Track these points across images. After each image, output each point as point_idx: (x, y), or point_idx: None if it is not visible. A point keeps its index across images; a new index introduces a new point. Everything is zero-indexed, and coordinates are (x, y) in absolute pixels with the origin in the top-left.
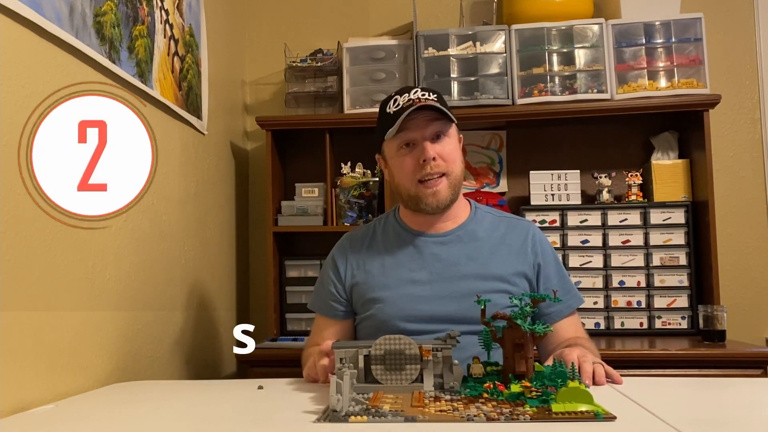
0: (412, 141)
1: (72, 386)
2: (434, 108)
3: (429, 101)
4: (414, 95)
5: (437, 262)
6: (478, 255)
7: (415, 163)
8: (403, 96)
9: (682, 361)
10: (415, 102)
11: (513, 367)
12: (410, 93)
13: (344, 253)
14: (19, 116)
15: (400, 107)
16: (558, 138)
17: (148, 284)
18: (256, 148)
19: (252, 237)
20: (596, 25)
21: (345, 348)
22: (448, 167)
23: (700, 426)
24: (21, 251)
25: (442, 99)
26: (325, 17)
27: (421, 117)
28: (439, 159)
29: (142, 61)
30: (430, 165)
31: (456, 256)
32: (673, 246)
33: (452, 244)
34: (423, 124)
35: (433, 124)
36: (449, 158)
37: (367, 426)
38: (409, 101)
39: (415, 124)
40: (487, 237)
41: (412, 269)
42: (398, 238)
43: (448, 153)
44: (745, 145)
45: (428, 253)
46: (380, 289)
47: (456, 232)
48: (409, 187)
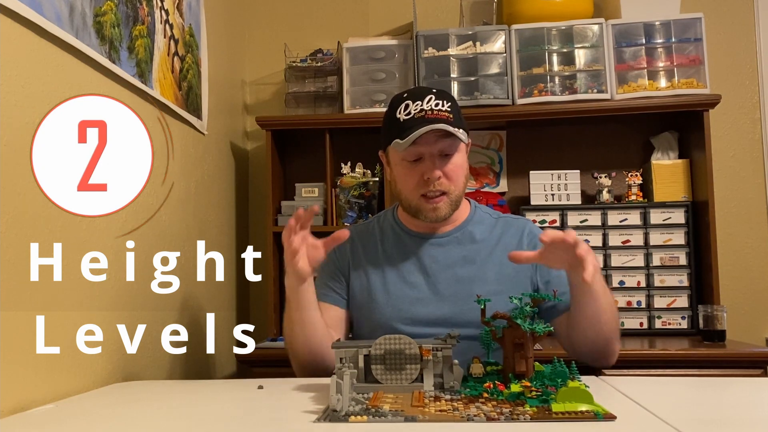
0: (419, 156)
1: (72, 386)
2: (446, 121)
3: (441, 113)
4: (427, 105)
5: (434, 264)
6: (476, 257)
7: (419, 179)
8: (415, 103)
9: (682, 361)
10: (428, 114)
11: (513, 367)
12: (423, 102)
13: (343, 246)
14: (19, 116)
15: (411, 117)
16: (558, 138)
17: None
18: (256, 148)
19: (252, 237)
20: (596, 25)
21: (345, 348)
22: (450, 186)
23: (700, 426)
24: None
25: (455, 108)
26: (325, 17)
27: (431, 132)
28: (443, 178)
29: (142, 61)
30: (434, 183)
31: (453, 259)
32: (673, 246)
33: (450, 246)
34: (432, 140)
35: (443, 141)
36: (453, 177)
37: (367, 426)
38: (421, 112)
39: (423, 139)
40: (484, 239)
41: (410, 271)
42: (396, 238)
43: (452, 171)
44: (745, 145)
45: (425, 255)
46: (377, 290)
47: (454, 234)
48: (411, 198)
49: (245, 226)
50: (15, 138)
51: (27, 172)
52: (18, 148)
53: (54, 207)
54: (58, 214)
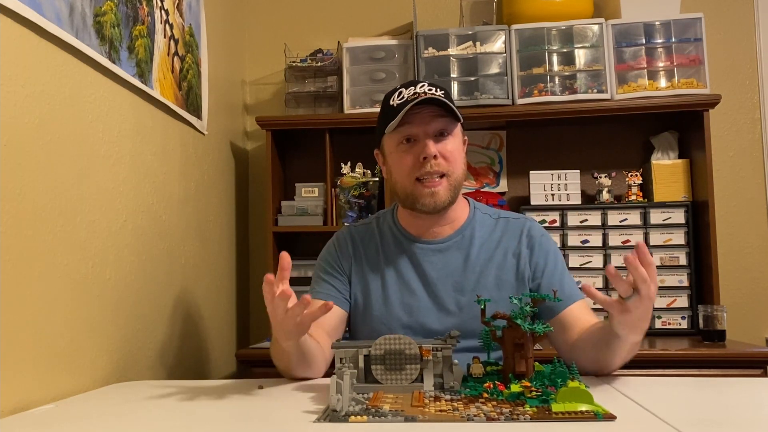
0: (414, 137)
1: (72, 386)
2: (440, 102)
3: (435, 96)
4: (420, 89)
5: (434, 272)
6: (476, 263)
7: (414, 160)
8: (408, 89)
9: (682, 361)
10: (421, 96)
11: (513, 367)
12: (416, 87)
13: (346, 246)
14: (19, 116)
15: (404, 100)
16: (558, 138)
17: (148, 284)
18: (256, 148)
19: (252, 237)
20: (596, 25)
21: (345, 348)
22: (449, 167)
23: (700, 426)
24: (21, 251)
25: (449, 96)
26: (325, 17)
27: (426, 112)
28: (440, 158)
29: (142, 61)
30: (431, 163)
31: (453, 266)
32: (673, 246)
33: (449, 251)
34: (427, 120)
35: (438, 120)
36: (451, 158)
37: (367, 426)
38: (414, 95)
39: (418, 119)
40: (484, 242)
41: (409, 278)
42: (396, 243)
43: (451, 152)
44: (745, 145)
45: (425, 261)
46: (376, 296)
47: (454, 238)
48: (407, 185)
49: (245, 226)
50: (15, 138)
51: (27, 172)
52: (18, 148)
53: (54, 207)
54: (58, 213)
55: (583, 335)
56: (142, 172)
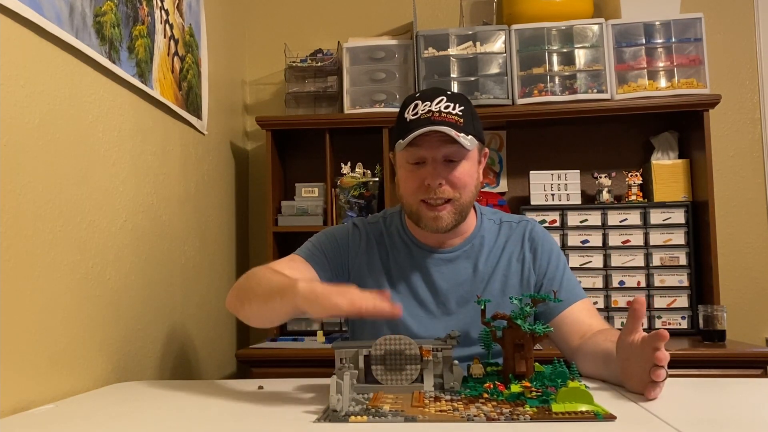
0: (422, 159)
1: (72, 386)
2: (453, 125)
3: (450, 117)
4: (435, 106)
5: (443, 282)
6: (484, 271)
7: (420, 183)
8: (425, 103)
9: (682, 361)
10: (434, 116)
11: (513, 367)
12: (433, 103)
13: (357, 240)
14: (19, 116)
15: (417, 117)
16: (558, 138)
17: (148, 284)
18: (256, 148)
19: (252, 237)
20: (596, 25)
21: (345, 348)
22: (455, 193)
23: (700, 426)
24: (21, 251)
25: (468, 112)
26: (325, 17)
27: (436, 136)
28: (446, 185)
29: (142, 61)
30: (435, 191)
31: (462, 277)
32: (673, 246)
33: (458, 261)
34: (435, 145)
35: (447, 146)
36: (459, 183)
37: (367, 426)
38: (428, 113)
39: (427, 142)
40: (491, 250)
41: (419, 287)
42: (406, 249)
43: (459, 178)
44: (745, 145)
45: (435, 270)
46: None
47: (463, 248)
48: (411, 203)
49: (245, 226)
50: (15, 138)
51: (27, 172)
52: (18, 148)
53: (54, 207)
54: (59, 213)
55: (587, 346)
56: (142, 172)
